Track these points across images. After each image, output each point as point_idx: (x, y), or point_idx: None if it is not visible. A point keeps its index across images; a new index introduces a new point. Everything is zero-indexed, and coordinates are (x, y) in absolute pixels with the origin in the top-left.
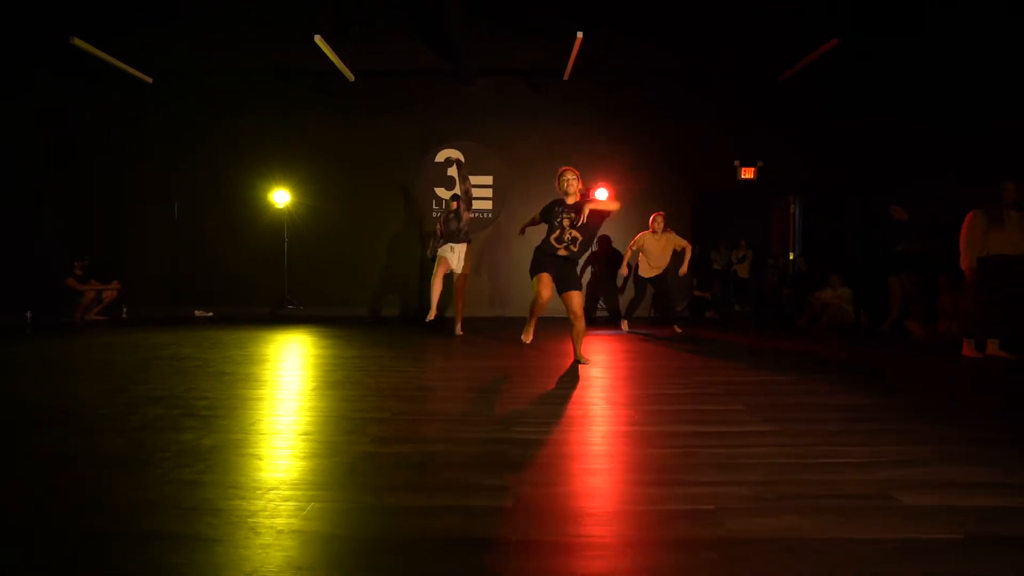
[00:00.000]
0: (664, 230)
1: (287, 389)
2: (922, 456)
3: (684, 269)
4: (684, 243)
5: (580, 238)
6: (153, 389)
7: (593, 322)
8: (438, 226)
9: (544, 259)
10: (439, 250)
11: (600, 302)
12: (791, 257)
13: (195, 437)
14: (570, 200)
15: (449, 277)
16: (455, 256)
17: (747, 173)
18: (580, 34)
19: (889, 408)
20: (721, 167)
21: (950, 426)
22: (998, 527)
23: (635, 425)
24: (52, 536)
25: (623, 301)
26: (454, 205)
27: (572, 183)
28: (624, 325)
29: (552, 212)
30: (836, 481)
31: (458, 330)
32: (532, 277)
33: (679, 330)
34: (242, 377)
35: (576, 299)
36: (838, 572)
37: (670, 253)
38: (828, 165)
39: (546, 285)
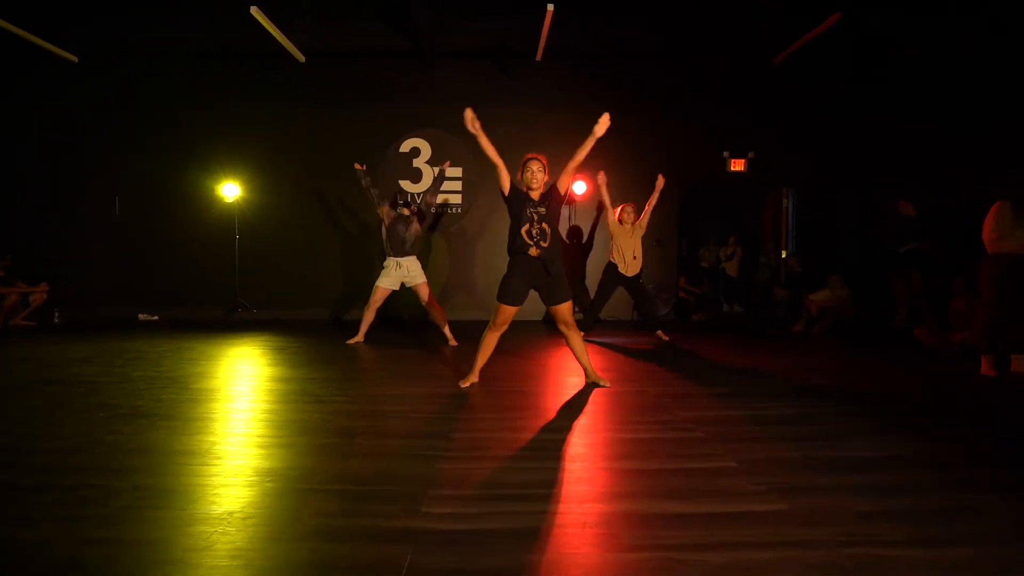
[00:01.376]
0: (634, 223)
1: (160, 432)
2: (997, 566)
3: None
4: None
5: (549, 231)
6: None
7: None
8: (386, 205)
9: (519, 275)
10: (385, 264)
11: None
12: (783, 256)
13: None
14: (535, 194)
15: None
16: (403, 271)
17: (737, 165)
18: (551, 7)
19: (925, 464)
20: (710, 158)
21: (1015, 496)
22: None
23: (599, 502)
24: None
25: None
26: (406, 211)
27: (537, 176)
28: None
29: (522, 203)
30: None
31: (452, 340)
32: (500, 301)
33: (665, 337)
34: (124, 412)
35: (565, 310)
36: None
37: (641, 252)
38: (823, 158)
39: (507, 321)
